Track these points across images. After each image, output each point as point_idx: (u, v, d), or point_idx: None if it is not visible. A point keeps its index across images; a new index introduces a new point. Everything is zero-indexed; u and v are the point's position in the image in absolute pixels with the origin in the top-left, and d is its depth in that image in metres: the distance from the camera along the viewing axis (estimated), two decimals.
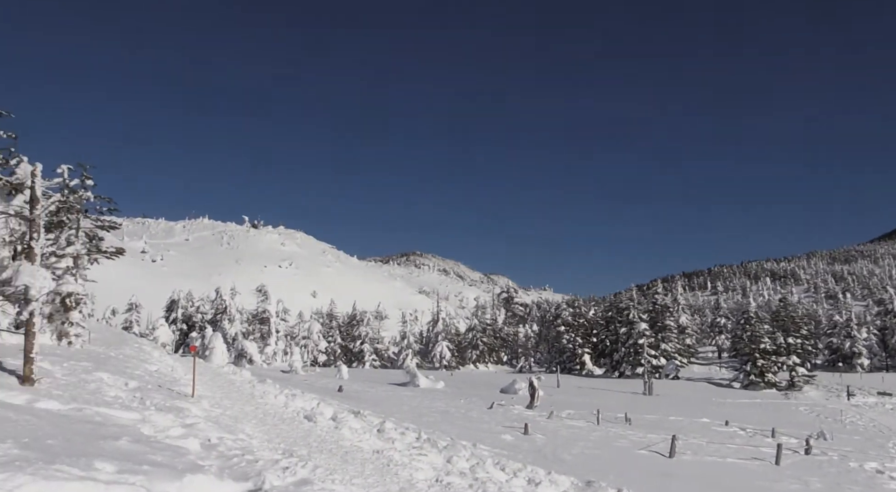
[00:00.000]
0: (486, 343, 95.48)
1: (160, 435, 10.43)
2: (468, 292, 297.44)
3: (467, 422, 22.87)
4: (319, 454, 11.43)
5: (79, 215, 28.91)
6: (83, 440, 8.57)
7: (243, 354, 61.31)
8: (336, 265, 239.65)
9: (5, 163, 24.01)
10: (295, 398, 20.22)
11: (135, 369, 20.67)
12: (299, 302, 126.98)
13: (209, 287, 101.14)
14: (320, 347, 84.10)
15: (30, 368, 13.59)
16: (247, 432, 12.78)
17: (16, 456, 6.96)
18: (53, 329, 22.64)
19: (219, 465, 8.79)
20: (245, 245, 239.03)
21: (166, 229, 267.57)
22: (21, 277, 13.82)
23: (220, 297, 79.37)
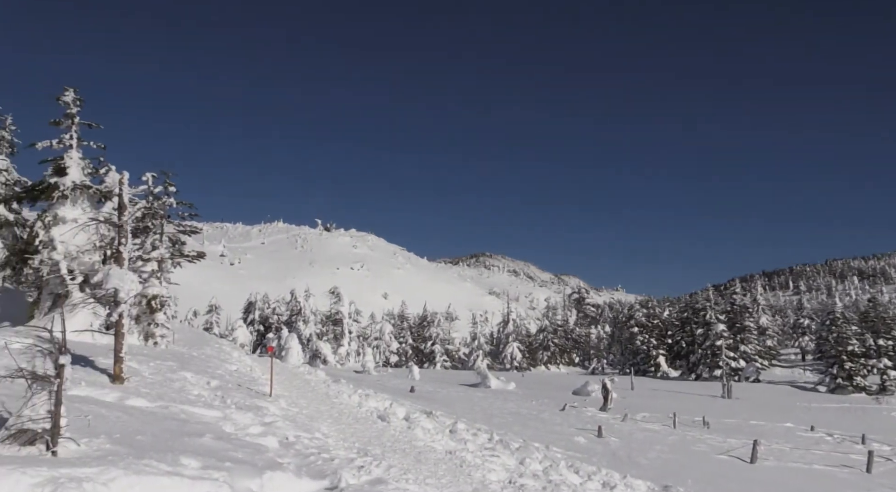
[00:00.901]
0: (558, 344, 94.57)
1: (241, 433, 10.77)
2: (538, 293, 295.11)
3: (539, 424, 22.71)
4: (393, 454, 11.57)
5: (162, 221, 30.18)
6: (170, 437, 8.94)
7: (318, 355, 62.64)
8: (406, 267, 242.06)
9: (95, 172, 25.30)
10: (368, 398, 20.53)
11: (216, 368, 21.41)
12: (371, 303, 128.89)
13: (284, 289, 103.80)
14: (392, 348, 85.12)
15: (119, 367, 14.26)
16: (322, 430, 13.05)
17: (108, 451, 7.33)
18: (140, 330, 23.67)
19: (297, 463, 9.01)
20: (318, 248, 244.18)
21: (243, 233, 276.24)
22: (111, 281, 14.51)
23: (295, 299, 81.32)
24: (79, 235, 21.58)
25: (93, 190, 24.38)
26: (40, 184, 24.61)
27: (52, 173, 24.00)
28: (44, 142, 24.04)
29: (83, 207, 24.18)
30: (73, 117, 23.65)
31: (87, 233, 21.39)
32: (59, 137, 23.86)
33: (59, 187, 23.57)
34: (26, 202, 29.11)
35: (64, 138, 23.90)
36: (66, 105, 23.37)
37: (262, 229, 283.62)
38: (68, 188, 23.67)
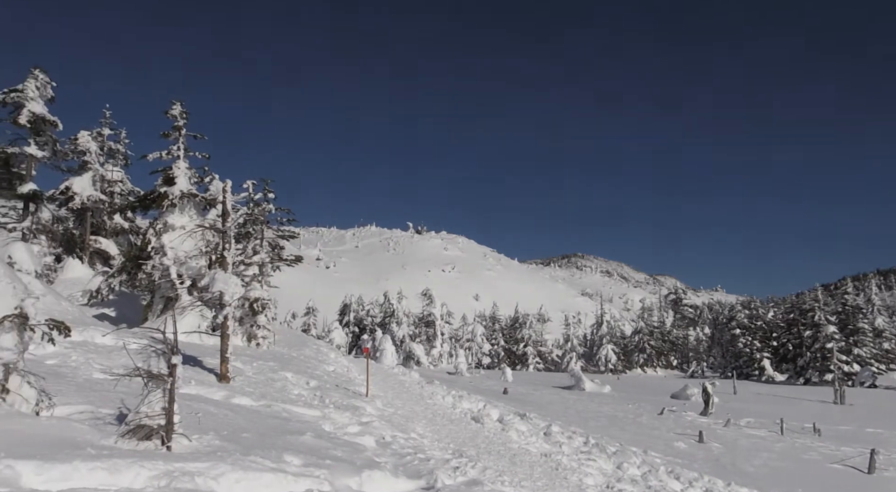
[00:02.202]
0: (654, 347, 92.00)
1: (339, 432, 11.04)
2: (633, 294, 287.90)
3: (637, 428, 22.14)
4: (488, 455, 11.55)
5: (263, 226, 31.41)
6: (273, 434, 9.27)
7: (411, 356, 63.47)
8: (497, 268, 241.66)
9: (200, 181, 26.60)
10: (462, 400, 20.61)
11: (314, 369, 22.04)
12: (462, 305, 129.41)
13: (377, 291, 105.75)
14: (484, 350, 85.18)
15: (225, 367, 14.92)
16: (418, 431, 13.20)
17: (217, 447, 7.67)
18: (243, 331, 24.69)
19: (393, 462, 9.15)
20: (410, 250, 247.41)
21: (337, 237, 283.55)
22: (216, 284, 15.20)
23: (388, 301, 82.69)
24: (187, 242, 22.74)
25: (198, 198, 25.66)
26: (151, 193, 26.11)
27: (161, 183, 25.41)
28: (154, 153, 25.50)
29: (190, 214, 25.49)
30: (180, 129, 24.97)
31: (194, 239, 22.49)
32: (168, 149, 25.24)
33: (168, 196, 24.93)
34: (139, 211, 31.00)
35: (172, 149, 25.26)
36: (173, 118, 24.70)
37: (355, 233, 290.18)
38: (176, 197, 25.00)
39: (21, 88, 29.99)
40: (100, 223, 35.07)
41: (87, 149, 33.66)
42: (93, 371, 12.46)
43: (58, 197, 32.64)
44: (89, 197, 32.93)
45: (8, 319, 7.10)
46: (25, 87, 30.08)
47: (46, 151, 31.39)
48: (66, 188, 32.62)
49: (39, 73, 30.93)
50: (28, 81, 30.33)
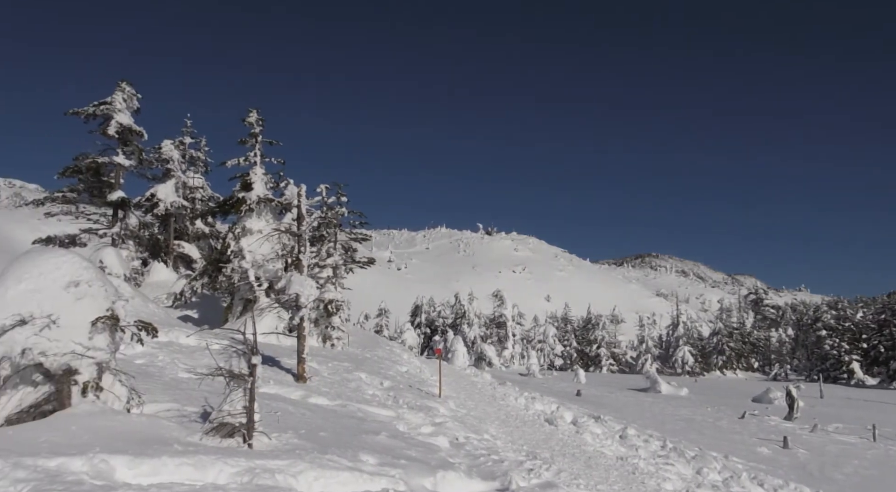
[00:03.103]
0: (733, 348, 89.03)
1: (413, 432, 11.14)
2: (710, 294, 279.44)
3: (716, 432, 21.47)
4: (562, 458, 11.43)
5: (336, 229, 32.02)
6: (349, 434, 9.43)
7: (482, 357, 63.40)
8: (569, 269, 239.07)
9: (276, 185, 27.36)
10: (534, 401, 20.47)
11: (388, 369, 22.31)
12: (533, 306, 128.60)
13: (448, 293, 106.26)
14: (556, 351, 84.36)
15: (302, 367, 15.28)
16: (491, 432, 13.18)
17: (296, 445, 7.86)
18: (319, 332, 25.23)
19: (467, 463, 9.16)
20: (480, 252, 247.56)
21: (408, 239, 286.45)
22: (293, 286, 15.60)
23: (459, 302, 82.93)
24: (264, 245, 23.43)
25: (274, 202, 26.40)
26: (230, 199, 27.02)
27: (239, 189, 26.26)
28: (232, 160, 26.38)
29: (267, 218, 26.24)
30: (256, 136, 25.74)
31: (271, 242, 23.16)
32: (245, 155, 26.06)
33: (246, 201, 25.74)
34: (219, 216, 32.16)
35: (249, 156, 26.08)
36: (250, 125, 25.49)
37: (426, 235, 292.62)
38: (254, 202, 25.78)
39: (109, 101, 31.52)
40: (182, 228, 36.52)
41: (170, 157, 35.10)
42: (178, 371, 12.98)
43: (144, 204, 34.16)
44: (172, 203, 34.32)
45: (101, 320, 7.47)
46: (113, 100, 31.60)
47: (133, 160, 32.87)
48: (151, 195, 34.10)
49: (126, 85, 32.42)
50: (115, 94, 31.84)
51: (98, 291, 7.59)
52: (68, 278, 7.44)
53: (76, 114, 31.33)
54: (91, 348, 7.36)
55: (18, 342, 6.92)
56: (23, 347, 6.90)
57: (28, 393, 7.19)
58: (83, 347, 7.27)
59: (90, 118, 31.54)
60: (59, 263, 7.52)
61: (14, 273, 7.38)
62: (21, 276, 7.32)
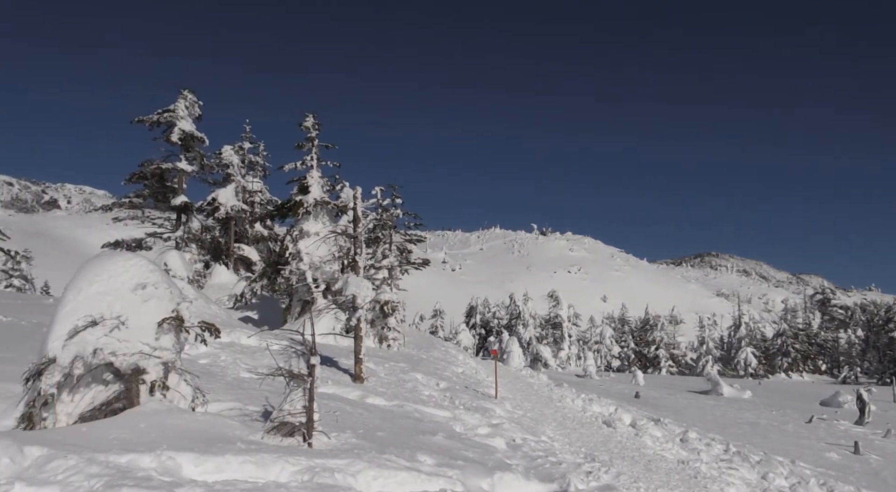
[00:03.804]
0: (799, 350, 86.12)
1: (470, 433, 11.13)
2: (774, 294, 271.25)
3: (782, 436, 20.81)
4: (621, 461, 11.26)
5: (391, 231, 32.30)
6: (406, 434, 9.49)
7: (538, 358, 63.00)
8: (625, 269, 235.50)
9: (332, 188, 27.77)
10: (592, 403, 20.23)
11: (443, 370, 22.37)
12: (589, 307, 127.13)
13: (503, 293, 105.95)
14: (613, 352, 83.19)
15: (359, 367, 15.45)
16: (548, 434, 13.08)
17: (354, 444, 7.95)
18: (375, 333, 25.48)
19: (524, 465, 9.11)
20: (535, 252, 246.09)
21: (462, 240, 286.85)
22: (349, 288, 15.80)
23: (514, 303, 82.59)
24: (321, 247, 23.80)
25: (331, 205, 26.80)
26: (288, 202, 27.54)
27: (297, 192, 26.74)
28: (289, 164, 26.88)
29: (323, 221, 26.66)
30: (312, 140, 26.18)
31: (328, 244, 23.50)
32: (302, 159, 26.52)
33: (303, 204, 26.20)
34: (277, 219, 32.80)
35: (306, 160, 26.53)
36: (306, 130, 25.93)
37: (479, 236, 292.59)
38: (311, 205, 26.22)
39: (172, 108, 32.52)
40: (242, 231, 37.39)
41: (230, 162, 35.99)
42: (240, 370, 13.28)
43: (205, 208, 35.11)
44: (233, 207, 35.18)
45: (166, 321, 7.70)
46: (176, 107, 32.59)
47: (195, 166, 33.84)
48: (212, 199, 35.03)
49: (188, 93, 33.40)
50: (178, 102, 32.84)
51: (164, 293, 7.83)
52: (136, 281, 7.70)
53: (141, 122, 32.45)
54: (158, 349, 7.60)
55: (90, 342, 7.20)
56: (94, 347, 7.17)
57: (99, 391, 7.47)
58: (150, 348, 7.52)
59: (154, 126, 32.61)
60: (127, 266, 7.79)
61: (85, 276, 7.68)
62: (92, 278, 7.61)
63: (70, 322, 7.24)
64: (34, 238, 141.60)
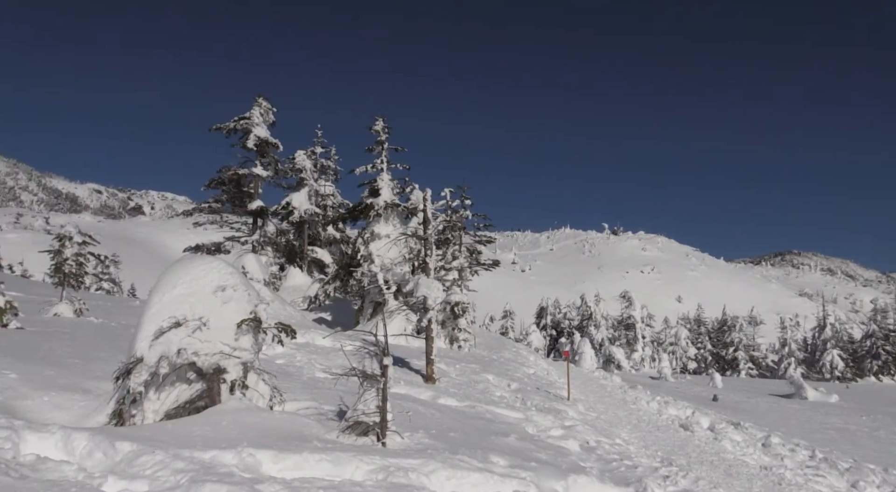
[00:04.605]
0: (890, 352, 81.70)
1: (542, 435, 11.03)
2: (861, 294, 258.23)
3: (874, 443, 19.79)
4: (700, 465, 10.95)
5: (461, 232, 32.38)
6: (478, 435, 9.48)
7: (611, 360, 61.99)
8: (701, 268, 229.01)
9: (402, 191, 28.06)
10: (668, 405, 19.76)
11: (514, 371, 22.27)
12: (663, 307, 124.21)
13: (573, 294, 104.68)
14: (689, 354, 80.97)
15: (431, 368, 15.55)
16: (622, 437, 12.84)
17: (427, 445, 8.00)
18: (446, 334, 25.61)
19: (599, 468, 8.97)
20: (606, 252, 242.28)
21: (532, 241, 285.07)
22: (420, 289, 15.92)
23: (585, 303, 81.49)
24: (392, 249, 24.09)
25: (401, 207, 27.08)
26: (359, 205, 27.99)
27: (368, 195, 27.15)
28: (360, 167, 27.31)
29: (394, 223, 26.97)
30: (382, 144, 26.52)
31: (399, 246, 23.76)
32: (373, 162, 26.91)
33: (374, 207, 26.57)
34: (349, 222, 33.40)
35: (376, 163, 26.91)
36: (376, 133, 26.30)
37: (549, 236, 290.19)
38: (381, 207, 26.57)
39: (248, 116, 33.56)
40: (315, 234, 38.23)
41: (303, 167, 36.86)
42: (315, 370, 13.58)
43: (280, 212, 36.07)
44: (306, 210, 36.00)
45: (245, 322, 7.94)
46: (251, 114, 33.62)
47: (270, 171, 34.82)
48: (286, 204, 35.95)
49: (263, 100, 34.41)
50: (253, 109, 33.87)
51: (242, 295, 8.07)
52: (216, 283, 7.97)
53: (219, 129, 33.61)
54: (237, 349, 7.84)
55: (174, 343, 7.49)
56: (178, 348, 7.47)
57: (183, 390, 7.77)
58: (230, 348, 7.77)
59: (231, 133, 33.73)
60: (208, 270, 8.07)
61: (169, 279, 8.00)
62: (175, 281, 7.92)
63: (155, 323, 7.56)
64: (121, 243, 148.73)
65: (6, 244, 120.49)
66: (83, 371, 9.36)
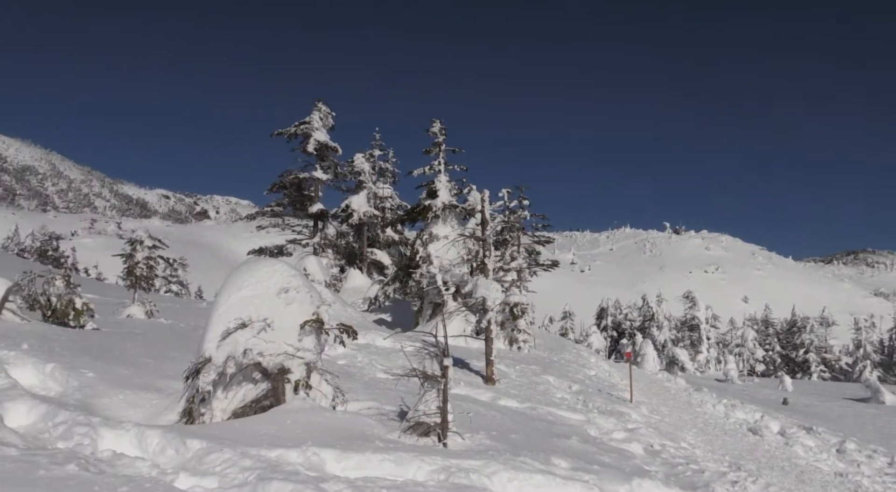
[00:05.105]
0: None
1: (604, 437, 10.88)
2: None
3: None
4: (770, 471, 10.61)
5: (519, 233, 32.24)
6: (539, 437, 9.41)
7: (674, 362, 60.66)
8: (768, 268, 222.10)
9: (459, 192, 28.12)
10: (735, 409, 19.22)
11: (575, 373, 22.03)
12: (729, 308, 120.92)
13: (634, 294, 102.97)
14: (756, 356, 78.50)
15: (490, 369, 15.52)
16: (688, 440, 12.55)
17: (488, 446, 7.98)
18: (505, 335, 25.51)
19: (664, 472, 8.78)
20: (668, 251, 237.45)
21: (591, 241, 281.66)
22: (479, 290, 15.91)
23: (647, 304, 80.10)
24: (450, 250, 24.14)
25: (459, 209, 27.13)
26: (417, 207, 28.18)
27: (425, 196, 27.31)
28: (418, 169, 27.49)
29: (452, 224, 27.04)
30: (440, 145, 26.64)
31: (457, 247, 23.80)
32: (430, 164, 27.05)
33: (432, 209, 26.70)
34: (407, 223, 33.67)
35: (434, 164, 27.04)
36: (433, 135, 26.43)
37: (609, 236, 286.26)
38: (439, 209, 26.68)
39: (308, 120, 34.19)
40: (374, 236, 38.67)
41: (361, 169, 37.32)
42: (376, 371, 13.72)
43: (339, 214, 36.61)
44: (365, 213, 36.44)
45: (308, 323, 8.09)
46: (311, 119, 34.23)
47: (329, 174, 35.37)
48: (346, 206, 36.47)
49: (322, 105, 34.99)
50: (313, 113, 34.48)
51: (305, 297, 8.23)
52: (280, 285, 8.15)
53: (280, 134, 34.36)
54: (300, 350, 7.99)
55: (240, 343, 7.69)
56: (244, 348, 7.65)
57: (249, 389, 7.96)
58: (294, 349, 7.92)
59: (292, 137, 34.44)
60: (271, 272, 8.26)
61: (235, 281, 8.21)
62: (241, 284, 8.13)
63: (222, 325, 7.77)
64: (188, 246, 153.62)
65: (82, 249, 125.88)
66: (155, 370, 9.69)
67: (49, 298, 13.22)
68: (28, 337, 10.05)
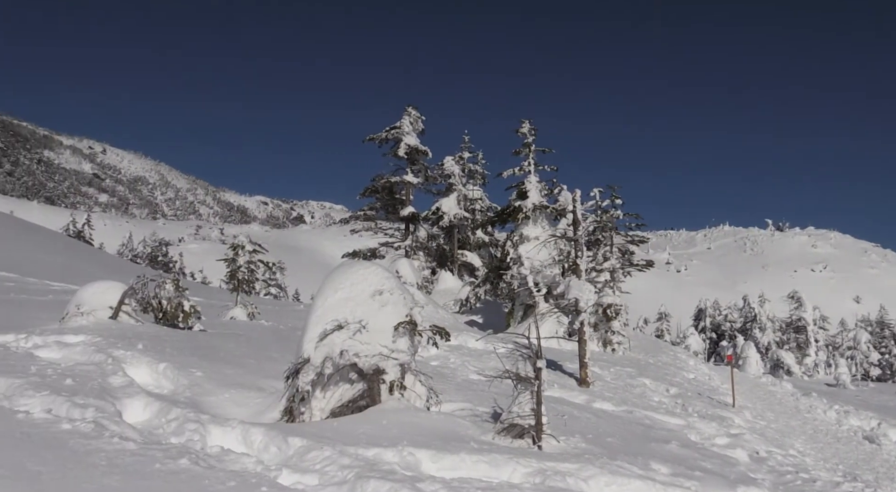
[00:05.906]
0: None
1: (706, 443, 10.50)
2: None
3: None
4: (889, 482, 9.96)
5: (612, 233, 31.63)
6: (637, 441, 9.18)
7: (779, 365, 57.89)
8: (882, 266, 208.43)
9: (549, 192, 27.87)
10: (848, 415, 18.16)
11: (673, 376, 21.39)
12: (839, 309, 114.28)
13: (734, 295, 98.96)
14: (871, 359, 73.79)
15: (584, 371, 15.29)
16: (797, 448, 11.96)
17: (584, 449, 7.85)
18: (598, 337, 25.08)
19: (772, 480, 8.38)
20: (770, 250, 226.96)
21: (687, 240, 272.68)
22: (571, 292, 15.71)
23: (749, 305, 76.78)
24: (541, 251, 23.95)
25: (549, 209, 26.89)
26: (507, 208, 28.12)
27: (515, 198, 27.22)
28: (507, 170, 27.44)
29: (542, 225, 26.82)
30: (529, 146, 26.51)
31: (548, 248, 23.60)
32: (520, 165, 26.94)
33: (522, 210, 26.58)
34: (497, 225, 33.66)
35: (523, 165, 26.92)
36: (523, 136, 26.32)
37: (706, 234, 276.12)
38: (529, 210, 26.52)
39: (398, 125, 34.78)
40: (464, 238, 38.85)
41: (451, 172, 37.60)
42: (468, 372, 13.77)
43: (430, 217, 37.02)
44: (455, 215, 36.68)
45: (401, 325, 8.21)
46: (402, 124, 34.81)
47: (420, 178, 35.85)
48: (436, 209, 36.83)
49: (412, 110, 35.52)
50: (403, 118, 35.04)
51: (398, 299, 8.35)
52: (374, 288, 8.31)
53: (372, 140, 35.10)
54: (395, 351, 8.12)
55: (337, 345, 7.89)
56: (341, 349, 7.84)
57: (346, 390, 8.15)
58: (388, 350, 8.05)
59: (383, 142, 35.11)
60: (366, 275, 8.43)
61: (331, 284, 8.44)
62: (337, 286, 8.34)
63: (320, 326, 8.00)
64: (285, 251, 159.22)
65: (188, 254, 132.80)
66: (257, 370, 10.08)
67: (160, 301, 13.97)
68: (142, 338, 10.67)
